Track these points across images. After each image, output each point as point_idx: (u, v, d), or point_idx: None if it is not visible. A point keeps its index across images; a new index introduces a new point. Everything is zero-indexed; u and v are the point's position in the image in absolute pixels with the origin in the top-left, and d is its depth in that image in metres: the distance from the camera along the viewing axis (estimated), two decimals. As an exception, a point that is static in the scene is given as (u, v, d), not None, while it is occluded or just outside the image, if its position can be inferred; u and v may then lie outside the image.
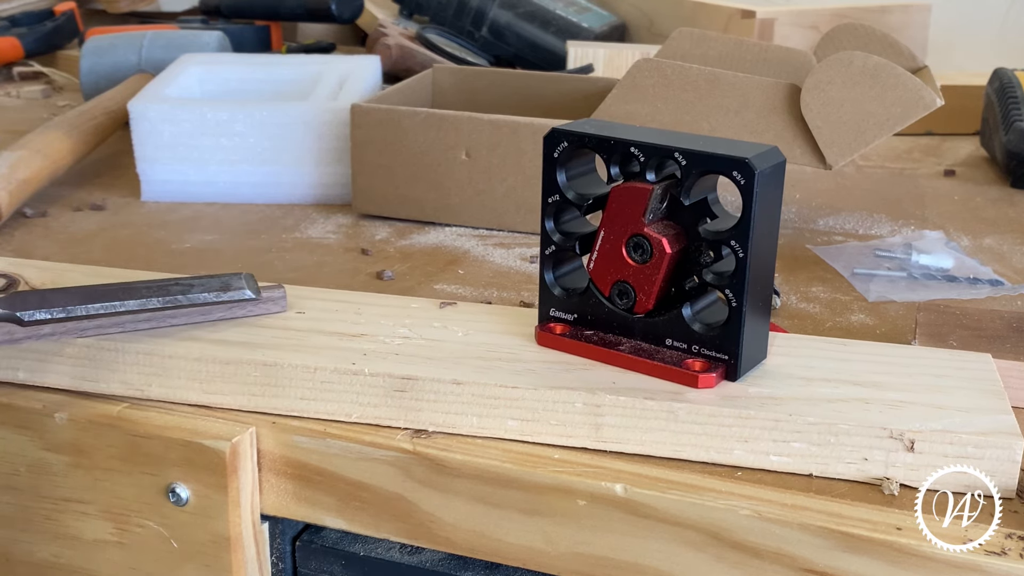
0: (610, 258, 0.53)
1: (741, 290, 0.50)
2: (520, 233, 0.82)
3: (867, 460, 0.48)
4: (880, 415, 0.48)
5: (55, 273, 0.64)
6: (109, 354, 0.55)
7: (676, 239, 0.51)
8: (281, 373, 0.53)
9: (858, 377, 0.52)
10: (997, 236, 0.85)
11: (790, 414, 0.48)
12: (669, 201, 0.52)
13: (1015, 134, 0.96)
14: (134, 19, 1.60)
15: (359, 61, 1.01)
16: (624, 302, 0.53)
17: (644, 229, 0.51)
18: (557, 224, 0.55)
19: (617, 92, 0.81)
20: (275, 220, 0.86)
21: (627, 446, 0.50)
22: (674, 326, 0.52)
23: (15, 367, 0.57)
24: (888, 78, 0.75)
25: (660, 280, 0.52)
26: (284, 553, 0.57)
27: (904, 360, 0.54)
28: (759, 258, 0.50)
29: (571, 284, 0.56)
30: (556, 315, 0.56)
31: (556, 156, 0.54)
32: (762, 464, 0.49)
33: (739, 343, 0.50)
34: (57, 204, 0.89)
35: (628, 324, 0.54)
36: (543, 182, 0.54)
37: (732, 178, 0.48)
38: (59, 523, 0.57)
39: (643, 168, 0.52)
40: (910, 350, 0.56)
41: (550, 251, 0.55)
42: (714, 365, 0.51)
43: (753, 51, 0.90)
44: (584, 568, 0.50)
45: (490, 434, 0.52)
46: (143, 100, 0.90)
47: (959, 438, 0.47)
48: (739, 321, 0.50)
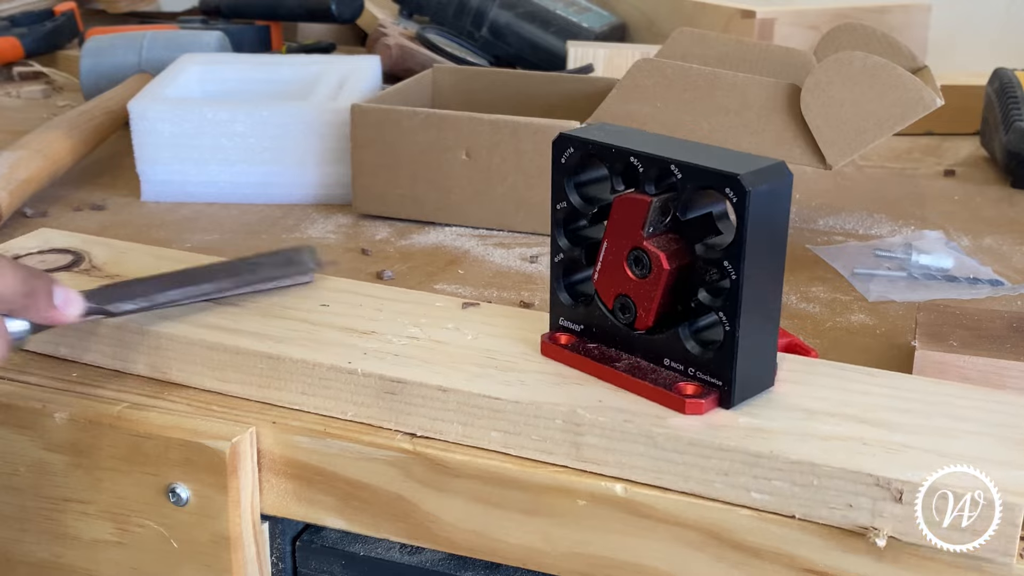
0: (613, 270, 0.51)
1: (735, 313, 0.47)
2: (520, 233, 0.82)
3: (851, 507, 0.44)
4: (872, 460, 0.45)
5: (118, 251, 0.67)
6: (135, 337, 0.57)
7: (676, 255, 0.49)
8: (283, 366, 0.54)
9: (867, 413, 0.48)
10: (997, 236, 0.85)
11: (772, 450, 0.45)
12: (674, 214, 0.49)
13: (1015, 134, 0.96)
14: (134, 19, 1.60)
15: (359, 61, 1.01)
16: (626, 316, 0.51)
17: (643, 243, 0.49)
18: (567, 231, 0.53)
19: (617, 92, 0.81)
20: (275, 220, 0.86)
21: (606, 468, 0.48)
22: (673, 346, 0.50)
23: (57, 342, 0.59)
24: (888, 78, 0.75)
25: (659, 296, 0.49)
26: (284, 553, 0.57)
27: (927, 397, 0.50)
28: (756, 281, 0.47)
29: (581, 293, 0.54)
30: (565, 324, 0.54)
31: (563, 162, 0.52)
32: (743, 500, 0.46)
33: (733, 368, 0.47)
34: (57, 204, 0.89)
35: (630, 340, 0.51)
36: (552, 188, 0.53)
37: (725, 195, 0.46)
38: (59, 523, 0.57)
39: (644, 179, 0.49)
40: (940, 387, 0.52)
41: (559, 259, 0.54)
42: (707, 390, 0.48)
43: (753, 51, 0.90)
44: (584, 568, 0.50)
45: (474, 443, 0.51)
46: (143, 100, 0.90)
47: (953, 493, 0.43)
48: (733, 346, 0.47)
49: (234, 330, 0.56)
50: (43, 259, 0.66)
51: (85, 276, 0.63)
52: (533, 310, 0.65)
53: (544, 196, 0.81)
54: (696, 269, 0.49)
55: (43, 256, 0.66)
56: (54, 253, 0.67)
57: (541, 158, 0.79)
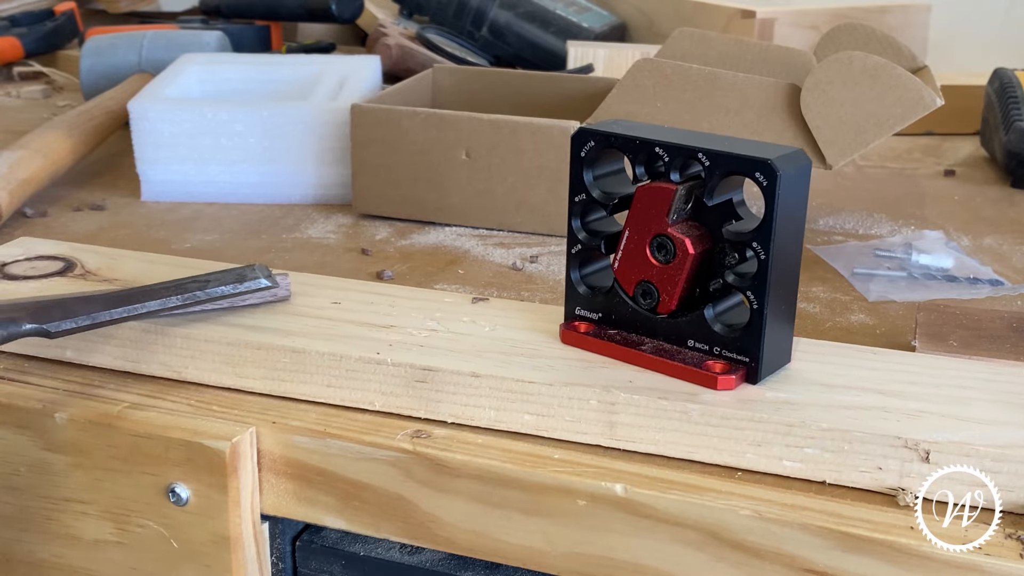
0: (634, 258, 0.53)
1: (763, 292, 0.49)
2: (520, 233, 0.82)
3: (881, 469, 0.47)
4: (897, 424, 0.48)
5: (110, 257, 0.66)
6: (151, 336, 0.57)
7: (700, 240, 0.51)
8: (309, 360, 0.54)
9: (881, 386, 0.51)
10: (997, 236, 0.85)
11: (804, 419, 0.48)
12: (694, 202, 0.51)
13: (1015, 134, 0.96)
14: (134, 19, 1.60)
15: (359, 61, 1.01)
16: (647, 302, 0.53)
17: (668, 229, 0.51)
18: (584, 223, 0.55)
19: (617, 92, 0.81)
20: (275, 220, 0.86)
21: (640, 445, 0.50)
22: (697, 327, 0.52)
23: (63, 345, 0.59)
24: (888, 78, 0.75)
25: (683, 281, 0.52)
26: (284, 553, 0.57)
27: (932, 371, 0.53)
28: (782, 261, 0.50)
29: (597, 283, 0.56)
30: (581, 314, 0.56)
31: (583, 155, 0.54)
32: (774, 469, 0.49)
33: (760, 346, 0.50)
34: (57, 204, 0.89)
35: (651, 324, 0.54)
36: (571, 181, 0.55)
37: (755, 179, 0.48)
38: (59, 523, 0.57)
39: (667, 168, 0.52)
40: (941, 360, 0.55)
41: (576, 250, 0.55)
42: (735, 367, 0.51)
43: (753, 51, 0.90)
44: (584, 568, 0.50)
45: (506, 427, 0.52)
46: (143, 100, 0.90)
47: (976, 450, 0.46)
48: (760, 324, 0.50)
49: (253, 327, 0.57)
50: (33, 265, 0.65)
51: (82, 281, 0.63)
52: (544, 304, 0.65)
53: (544, 196, 0.81)
54: (715, 254, 0.51)
55: (32, 263, 0.66)
56: (43, 260, 0.66)
57: (541, 158, 0.79)
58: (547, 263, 0.77)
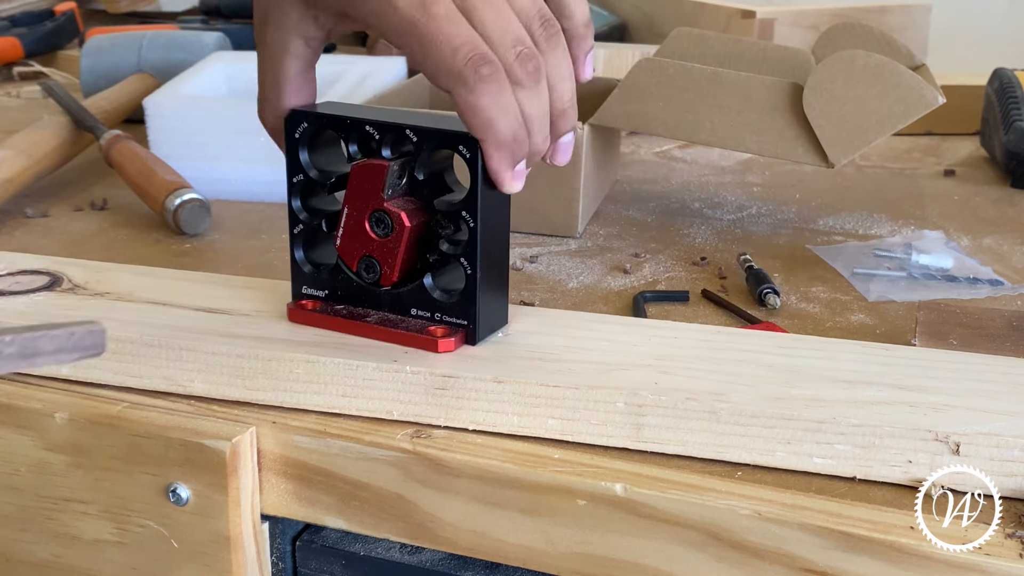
0: (355, 234, 0.55)
1: (474, 258, 0.53)
2: (519, 233, 0.82)
3: (911, 463, 0.47)
4: (925, 418, 0.48)
5: (97, 271, 0.65)
6: (153, 350, 0.56)
7: (415, 213, 0.54)
8: (324, 370, 0.54)
9: (902, 381, 0.52)
10: (997, 236, 0.85)
11: (834, 416, 0.48)
12: (408, 177, 0.54)
13: (1015, 134, 0.96)
14: (134, 19, 1.60)
15: (383, 63, 1.01)
16: (371, 276, 0.55)
17: (384, 204, 0.54)
18: (304, 203, 0.57)
19: (619, 92, 0.81)
20: (276, 220, 0.85)
21: (668, 447, 0.50)
22: (418, 296, 0.55)
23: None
24: (890, 76, 0.75)
25: (402, 252, 0.54)
26: (284, 553, 0.57)
27: (947, 365, 0.54)
28: (490, 227, 0.53)
29: (321, 260, 0.58)
30: (308, 292, 0.58)
31: (297, 137, 0.56)
32: (804, 466, 0.49)
33: (475, 308, 0.54)
34: (58, 204, 0.89)
35: (376, 297, 0.56)
36: (287, 162, 0.57)
37: (459, 152, 0.51)
38: (59, 523, 0.57)
39: (379, 146, 0.54)
40: (953, 355, 0.55)
41: (298, 230, 0.57)
42: (454, 331, 0.54)
43: (751, 50, 0.90)
44: (584, 568, 0.50)
45: (531, 433, 0.52)
46: (159, 96, 0.90)
47: (1006, 441, 0.46)
48: (474, 288, 0.53)
49: (262, 338, 0.56)
50: (17, 280, 0.63)
51: (72, 295, 0.62)
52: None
53: (544, 196, 0.81)
54: (431, 226, 0.54)
55: (16, 277, 0.64)
56: (26, 275, 0.64)
57: (541, 158, 0.79)
58: (547, 263, 0.77)
